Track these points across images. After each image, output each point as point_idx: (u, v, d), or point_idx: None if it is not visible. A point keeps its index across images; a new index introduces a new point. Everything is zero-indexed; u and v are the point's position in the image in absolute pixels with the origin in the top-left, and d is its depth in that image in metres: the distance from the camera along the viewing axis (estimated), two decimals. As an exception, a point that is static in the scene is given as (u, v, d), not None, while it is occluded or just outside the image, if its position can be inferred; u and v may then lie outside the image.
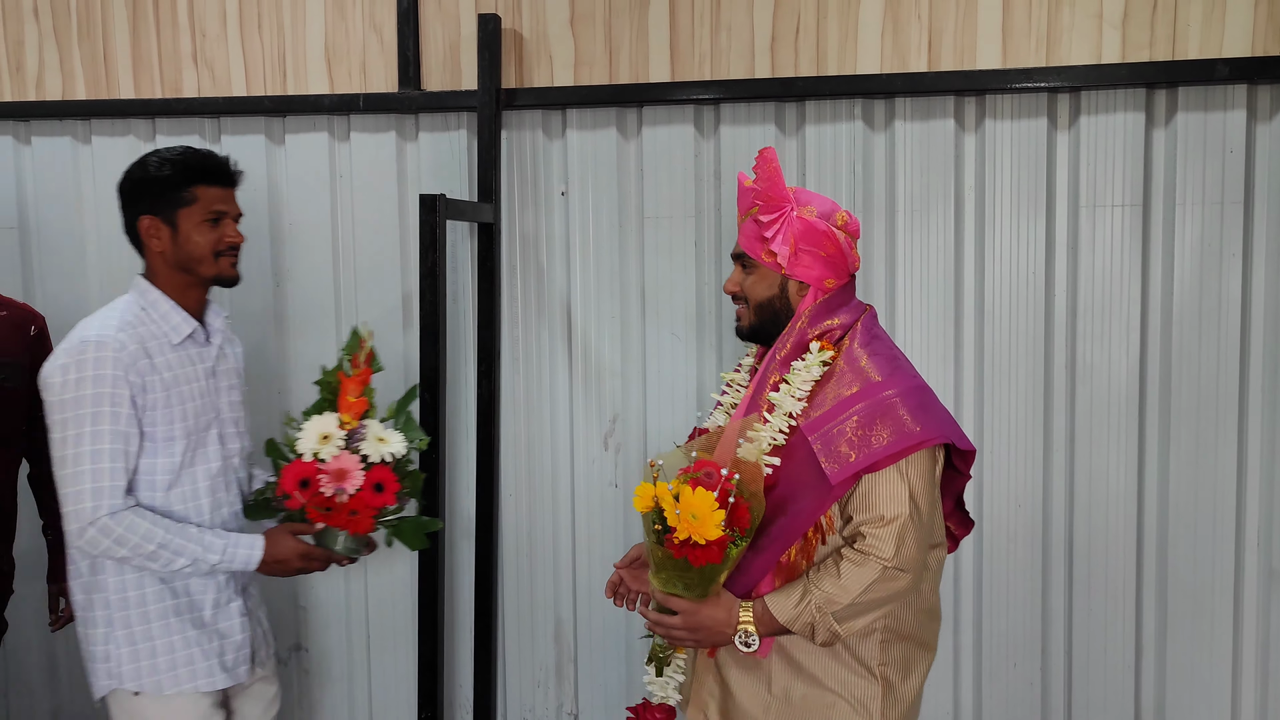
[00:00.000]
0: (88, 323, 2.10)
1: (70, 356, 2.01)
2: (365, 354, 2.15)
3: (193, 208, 2.11)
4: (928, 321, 2.81)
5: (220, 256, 2.15)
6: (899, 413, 1.77)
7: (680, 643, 1.87)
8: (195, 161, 2.12)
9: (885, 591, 1.76)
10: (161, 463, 2.08)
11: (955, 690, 2.88)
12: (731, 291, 1.97)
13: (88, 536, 1.98)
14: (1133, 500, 2.77)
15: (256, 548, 2.10)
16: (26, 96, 3.19)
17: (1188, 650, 2.77)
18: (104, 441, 1.98)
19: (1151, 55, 2.63)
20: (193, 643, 2.12)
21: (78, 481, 1.97)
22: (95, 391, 1.98)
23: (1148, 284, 2.73)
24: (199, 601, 2.14)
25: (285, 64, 3.06)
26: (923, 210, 2.79)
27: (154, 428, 2.06)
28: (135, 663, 2.08)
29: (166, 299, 2.14)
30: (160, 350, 2.09)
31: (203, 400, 2.16)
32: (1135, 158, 2.69)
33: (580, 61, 2.91)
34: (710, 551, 1.69)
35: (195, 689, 2.12)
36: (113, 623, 2.09)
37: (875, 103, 2.81)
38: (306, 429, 2.08)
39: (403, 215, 3.04)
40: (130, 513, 2.00)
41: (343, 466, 2.03)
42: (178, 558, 2.03)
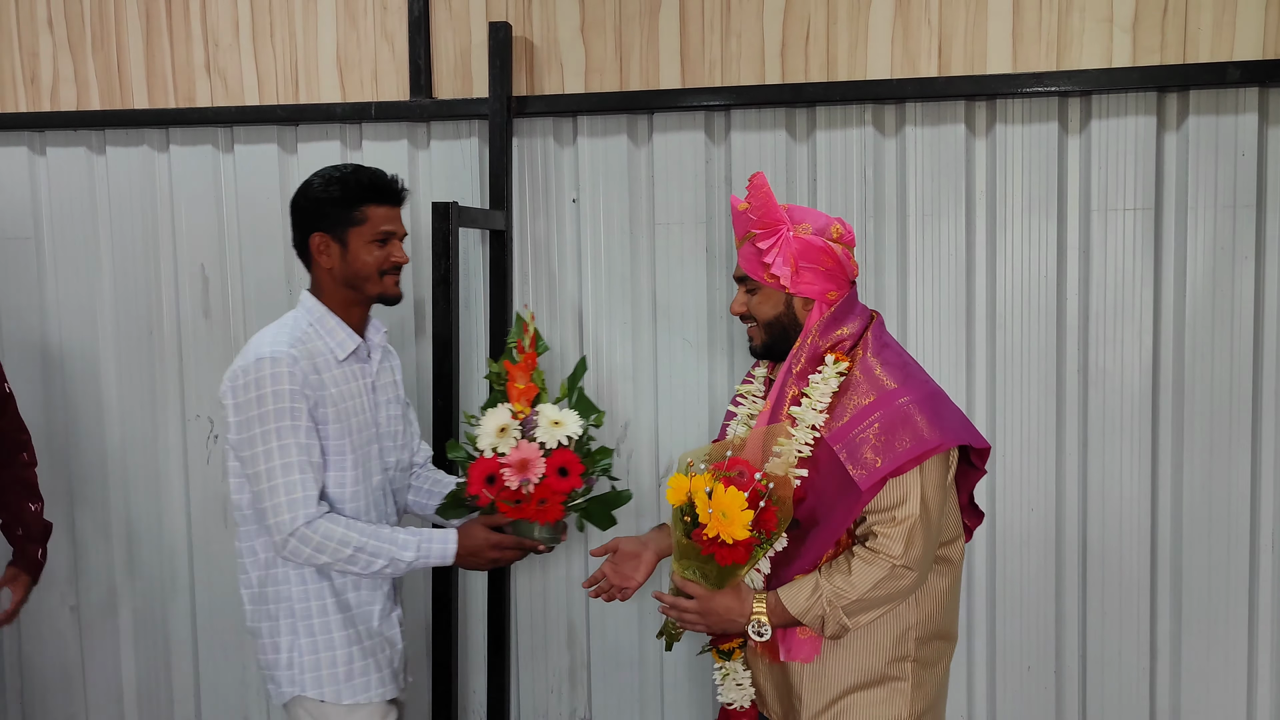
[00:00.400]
0: (260, 339, 2.12)
1: (248, 375, 2.04)
2: (530, 338, 2.13)
3: (362, 227, 2.13)
4: (940, 326, 2.81)
5: (385, 275, 2.17)
6: (916, 419, 1.85)
7: (691, 626, 1.94)
8: (367, 181, 2.15)
9: (892, 588, 1.84)
10: (333, 476, 2.12)
11: (969, 694, 2.88)
12: (739, 313, 2.03)
13: (290, 547, 2.03)
14: (1146, 504, 2.76)
15: (450, 542, 2.12)
16: (41, 107, 3.22)
17: (1203, 653, 2.76)
18: (291, 455, 2.02)
19: (1162, 59, 2.63)
20: (368, 652, 2.17)
21: (273, 496, 2.02)
22: (276, 407, 2.01)
23: (1160, 287, 2.72)
24: (369, 612, 2.18)
25: (297, 73, 3.08)
26: (934, 215, 2.79)
27: (326, 441, 2.10)
28: (317, 671, 2.13)
29: (333, 315, 2.17)
30: (327, 366, 2.12)
31: (365, 415, 2.19)
32: (1147, 161, 2.69)
33: (591, 69, 2.92)
34: (737, 551, 1.77)
35: (369, 698, 2.17)
36: (296, 631, 2.13)
37: (886, 108, 2.81)
38: (483, 424, 2.08)
39: (415, 222, 3.05)
40: (325, 520, 2.04)
41: (524, 457, 2.02)
42: (376, 559, 2.06)
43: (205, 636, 3.30)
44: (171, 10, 3.11)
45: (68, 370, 3.30)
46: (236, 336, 3.18)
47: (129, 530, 3.32)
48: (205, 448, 3.24)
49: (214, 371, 3.20)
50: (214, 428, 3.22)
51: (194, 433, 3.24)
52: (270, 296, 3.15)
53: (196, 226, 3.18)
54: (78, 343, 3.29)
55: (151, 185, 3.20)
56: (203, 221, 3.18)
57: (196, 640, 3.31)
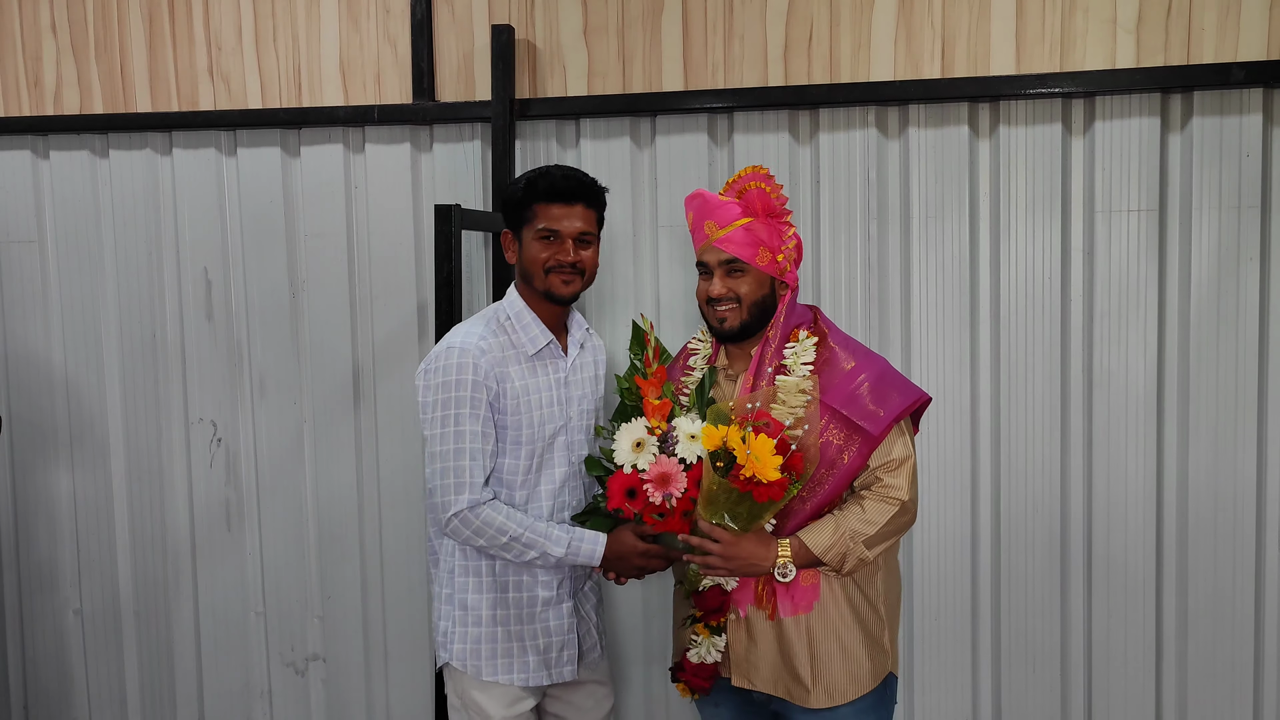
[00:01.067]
0: (456, 330, 2.25)
1: (435, 362, 2.17)
2: (653, 349, 2.19)
3: (531, 224, 2.22)
4: (944, 328, 2.81)
5: (550, 273, 2.21)
6: (894, 377, 2.16)
7: (714, 570, 2.08)
8: (539, 179, 2.22)
9: (900, 524, 2.10)
10: (508, 464, 2.21)
11: (974, 692, 2.87)
12: (720, 295, 2.16)
13: (451, 526, 2.15)
14: (1151, 505, 2.76)
15: (600, 544, 2.18)
16: (45, 111, 3.22)
17: (1209, 653, 2.76)
18: (464, 441, 2.14)
19: (1166, 60, 2.63)
20: (514, 637, 2.25)
21: (443, 477, 2.14)
22: (458, 395, 2.13)
23: (1164, 289, 2.72)
24: (530, 598, 2.25)
25: (300, 77, 3.08)
26: (937, 217, 2.79)
27: (504, 431, 2.20)
28: (464, 644, 2.26)
29: (529, 311, 2.26)
30: (516, 360, 2.22)
31: (552, 409, 2.25)
32: (1151, 163, 2.68)
33: (594, 71, 2.92)
34: (773, 489, 1.95)
35: (509, 680, 2.25)
36: (453, 603, 2.28)
37: (889, 110, 2.81)
38: (619, 439, 2.13)
39: (418, 226, 3.05)
40: (487, 507, 2.15)
41: (664, 472, 2.08)
42: (529, 550, 2.15)
43: (208, 640, 3.30)
44: (174, 14, 3.11)
45: (71, 374, 3.30)
46: (239, 340, 3.18)
47: (132, 534, 3.32)
48: (208, 451, 3.23)
49: (217, 375, 3.20)
50: (216, 431, 3.22)
51: (197, 436, 3.24)
52: (273, 300, 3.15)
53: (199, 230, 3.18)
54: (81, 346, 3.28)
55: (154, 189, 3.20)
56: (205, 225, 3.18)
57: (200, 644, 3.30)
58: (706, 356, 2.31)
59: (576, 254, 2.22)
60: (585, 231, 2.24)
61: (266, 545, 3.24)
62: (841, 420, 2.08)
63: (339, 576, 3.19)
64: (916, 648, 2.89)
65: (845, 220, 2.83)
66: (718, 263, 2.15)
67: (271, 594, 3.25)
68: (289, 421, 3.18)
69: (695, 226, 2.21)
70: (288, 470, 3.19)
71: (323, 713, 3.25)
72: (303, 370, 3.16)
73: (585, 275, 2.25)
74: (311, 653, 3.24)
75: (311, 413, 3.16)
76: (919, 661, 2.89)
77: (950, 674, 2.88)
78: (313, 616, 3.22)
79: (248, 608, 3.26)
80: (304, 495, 3.19)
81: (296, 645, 3.25)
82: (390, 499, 3.13)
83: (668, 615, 3.00)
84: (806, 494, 2.09)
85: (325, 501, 3.18)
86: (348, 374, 3.13)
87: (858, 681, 2.13)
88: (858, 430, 2.07)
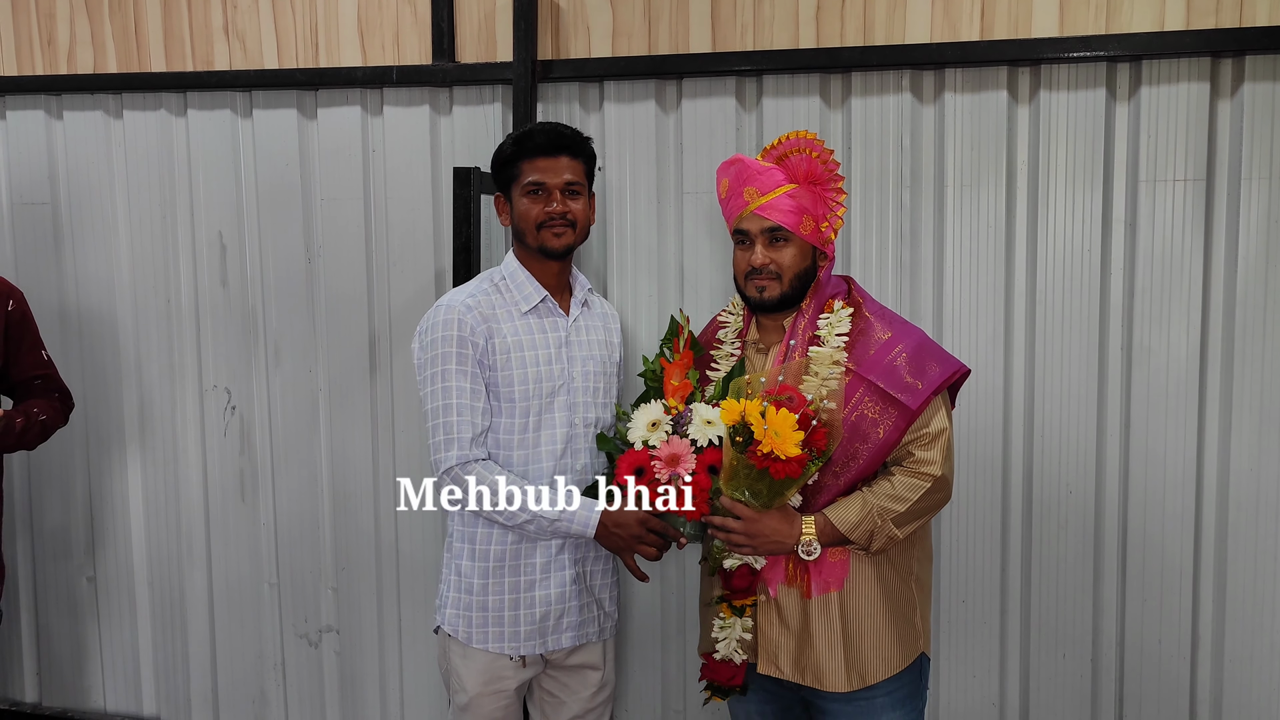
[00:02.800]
0: (449, 292, 2.27)
1: (425, 322, 2.21)
2: (685, 339, 2.17)
3: (518, 180, 2.22)
4: (978, 301, 2.71)
5: (542, 228, 2.20)
6: (933, 348, 2.08)
7: (738, 548, 2.01)
8: (523, 137, 2.22)
9: (932, 501, 2.02)
10: (504, 422, 2.20)
11: (1002, 680, 2.80)
12: (762, 265, 2.07)
13: (445, 486, 2.16)
14: (1191, 488, 2.66)
15: (595, 512, 2.13)
16: (58, 70, 3.16)
17: (1247, 643, 2.66)
18: (451, 396, 2.14)
19: (1218, 22, 2.51)
20: (506, 606, 2.23)
21: (434, 434, 2.16)
22: (444, 351, 2.15)
23: (1210, 263, 2.61)
24: (529, 565, 2.23)
25: (317, 36, 3.00)
26: (973, 186, 2.69)
27: (496, 388, 2.19)
28: (456, 609, 2.26)
29: (523, 270, 2.26)
30: (509, 317, 2.21)
31: (549, 367, 2.22)
32: (1199, 130, 2.57)
33: (618, 32, 2.83)
34: (790, 466, 1.88)
35: (501, 649, 2.23)
36: (449, 567, 2.29)
37: (924, 74, 2.71)
38: (635, 419, 2.10)
39: (436, 190, 2.98)
40: (480, 465, 2.15)
41: (674, 452, 2.04)
42: (520, 513, 2.13)
43: (222, 610, 3.26)
44: (189, -30, 3.05)
45: (85, 339, 3.25)
46: (254, 306, 3.13)
47: (146, 501, 3.28)
48: (223, 419, 3.19)
49: (231, 341, 3.15)
50: (231, 399, 3.17)
51: (211, 403, 3.19)
52: (289, 265, 3.09)
53: (214, 193, 3.12)
54: (95, 311, 3.24)
55: (169, 150, 3.14)
56: (220, 188, 3.12)
57: (213, 613, 3.27)
58: (738, 330, 2.23)
59: (565, 204, 2.20)
60: (572, 182, 2.22)
61: (281, 515, 3.19)
62: (876, 393, 2.00)
63: (353, 548, 3.14)
64: (944, 630, 2.81)
65: (877, 189, 2.73)
66: (760, 231, 2.07)
67: (285, 565, 3.20)
68: (304, 390, 3.12)
69: (732, 193, 2.12)
70: (303, 440, 3.14)
71: (335, 684, 3.22)
72: (318, 337, 3.10)
73: (577, 227, 2.23)
74: (325, 624, 3.19)
75: (327, 381, 3.10)
76: (946, 644, 2.81)
77: (978, 658, 2.80)
78: (326, 588, 3.18)
79: (261, 578, 3.22)
80: (319, 465, 3.14)
81: (310, 617, 3.20)
82: (406, 470, 3.07)
83: (685, 594, 2.93)
84: (840, 469, 2.02)
85: (340, 472, 3.12)
86: (364, 341, 3.06)
87: (889, 662, 2.06)
88: (894, 403, 1.99)
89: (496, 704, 2.26)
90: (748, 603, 2.10)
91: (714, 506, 2.02)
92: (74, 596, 3.37)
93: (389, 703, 3.18)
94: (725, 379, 2.13)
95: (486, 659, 2.23)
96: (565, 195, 2.21)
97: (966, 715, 2.82)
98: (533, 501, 2.12)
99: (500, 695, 2.25)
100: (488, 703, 2.25)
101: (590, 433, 2.28)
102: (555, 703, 2.37)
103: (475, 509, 2.15)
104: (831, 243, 2.10)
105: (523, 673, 2.27)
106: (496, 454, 2.20)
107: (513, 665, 2.25)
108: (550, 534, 2.17)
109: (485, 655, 2.23)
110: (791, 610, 2.07)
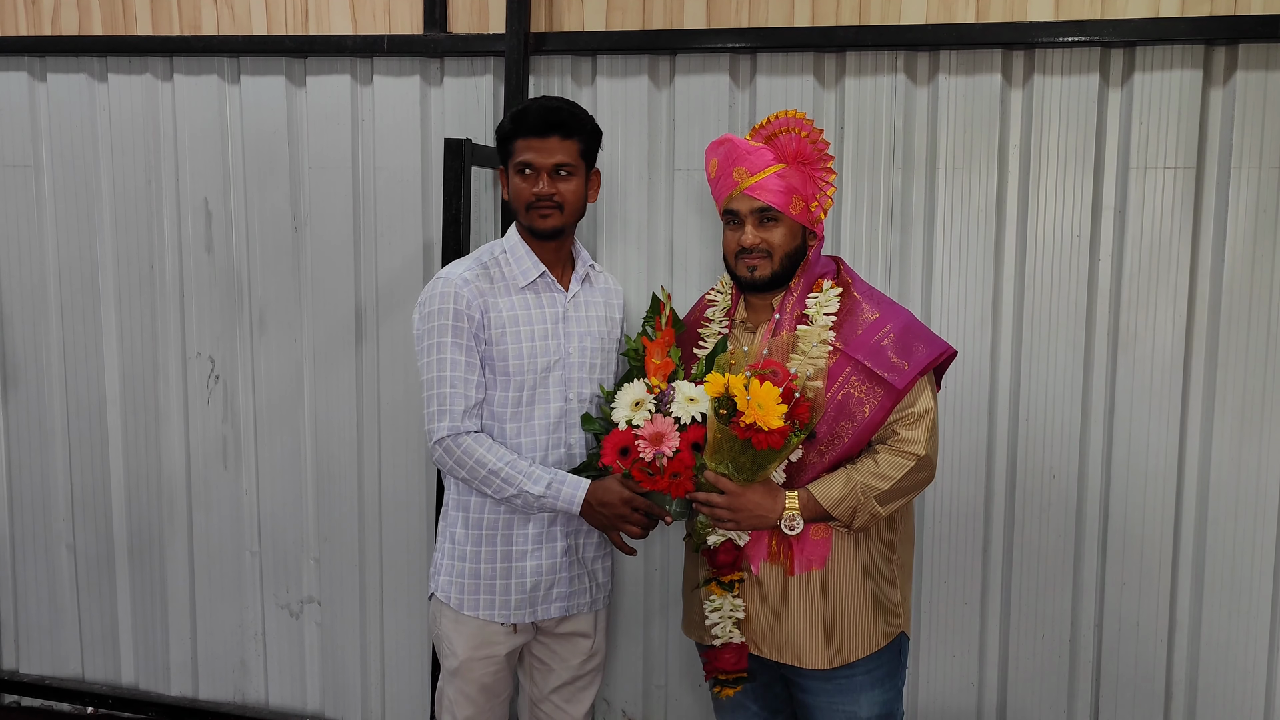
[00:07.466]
0: (450, 264, 2.27)
1: (424, 294, 2.22)
2: (667, 317, 2.16)
3: (512, 159, 2.21)
4: (966, 284, 2.72)
5: (530, 208, 2.20)
6: (921, 329, 2.09)
7: (721, 523, 2.02)
8: (519, 114, 2.20)
9: (915, 479, 2.04)
10: (498, 395, 2.21)
11: (981, 660, 2.82)
12: (752, 245, 2.07)
13: (435, 455, 2.18)
14: (1172, 473, 2.68)
15: (581, 489, 2.14)
16: (42, 31, 3.12)
17: (1223, 625, 2.69)
18: (445, 369, 2.16)
19: (1212, 9, 2.51)
20: (497, 574, 2.24)
21: (428, 404, 2.17)
22: (440, 324, 2.16)
23: (1198, 250, 2.62)
24: (518, 535, 2.24)
25: (307, 3, 2.97)
26: (965, 169, 2.69)
27: (491, 362, 2.19)
28: (449, 577, 2.27)
29: (523, 245, 2.25)
30: (506, 291, 2.21)
31: (545, 343, 2.22)
32: (1190, 118, 2.58)
33: (613, 6, 2.80)
34: (773, 437, 1.89)
35: (491, 617, 2.25)
36: (444, 535, 2.31)
37: (919, 55, 2.70)
38: (619, 399, 2.10)
39: (425, 161, 2.96)
40: (470, 438, 2.15)
41: (658, 430, 2.03)
42: (507, 486, 2.14)
43: (203, 579, 3.25)
44: (178, -68, 3.00)
45: (66, 303, 3.22)
46: (239, 273, 3.10)
47: (127, 469, 3.26)
48: (206, 387, 3.16)
49: (216, 309, 3.12)
50: (215, 367, 3.14)
51: (195, 371, 3.17)
52: (275, 233, 3.06)
53: (200, 159, 3.09)
54: (77, 276, 3.20)
55: (154, 116, 3.11)
56: (206, 155, 3.08)
57: (194, 583, 3.26)
58: (725, 309, 2.23)
59: (552, 186, 2.18)
60: (563, 164, 2.19)
61: (263, 485, 3.18)
62: (863, 372, 2.01)
63: (336, 519, 3.13)
64: (925, 610, 2.83)
65: (869, 170, 2.73)
66: (749, 211, 2.07)
67: (267, 534, 3.19)
68: (289, 359, 3.11)
69: (721, 173, 2.12)
70: (286, 409, 3.12)
71: (317, 656, 3.21)
72: (304, 306, 3.08)
73: (565, 209, 2.20)
74: (307, 595, 3.19)
75: (312, 350, 3.09)
76: (926, 624, 2.83)
77: (958, 637, 2.83)
78: (309, 558, 3.17)
79: (243, 547, 3.21)
80: (302, 434, 3.13)
81: (292, 587, 3.20)
82: (390, 441, 3.06)
83: (670, 571, 2.95)
84: (825, 447, 2.02)
85: (324, 442, 3.11)
86: (350, 311, 3.05)
87: (868, 640, 2.08)
88: (880, 383, 2.00)
89: (486, 669, 2.27)
90: (735, 578, 2.10)
91: (698, 483, 2.03)
92: (53, 563, 3.35)
93: (370, 674, 3.19)
94: (709, 356, 2.13)
95: (477, 625, 2.25)
96: (553, 177, 2.18)
97: (946, 694, 2.85)
98: (520, 477, 2.13)
99: (490, 660, 2.27)
100: (478, 667, 2.26)
101: (585, 408, 2.29)
102: (545, 669, 2.38)
103: (465, 479, 2.16)
104: (821, 222, 2.11)
105: (513, 639, 2.28)
106: (491, 426, 2.20)
107: (503, 631, 2.26)
108: (537, 509, 2.18)
109: (476, 621, 2.25)
110: (772, 588, 2.08)
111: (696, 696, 2.98)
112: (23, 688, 3.39)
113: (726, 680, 2.13)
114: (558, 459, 2.24)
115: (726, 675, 2.12)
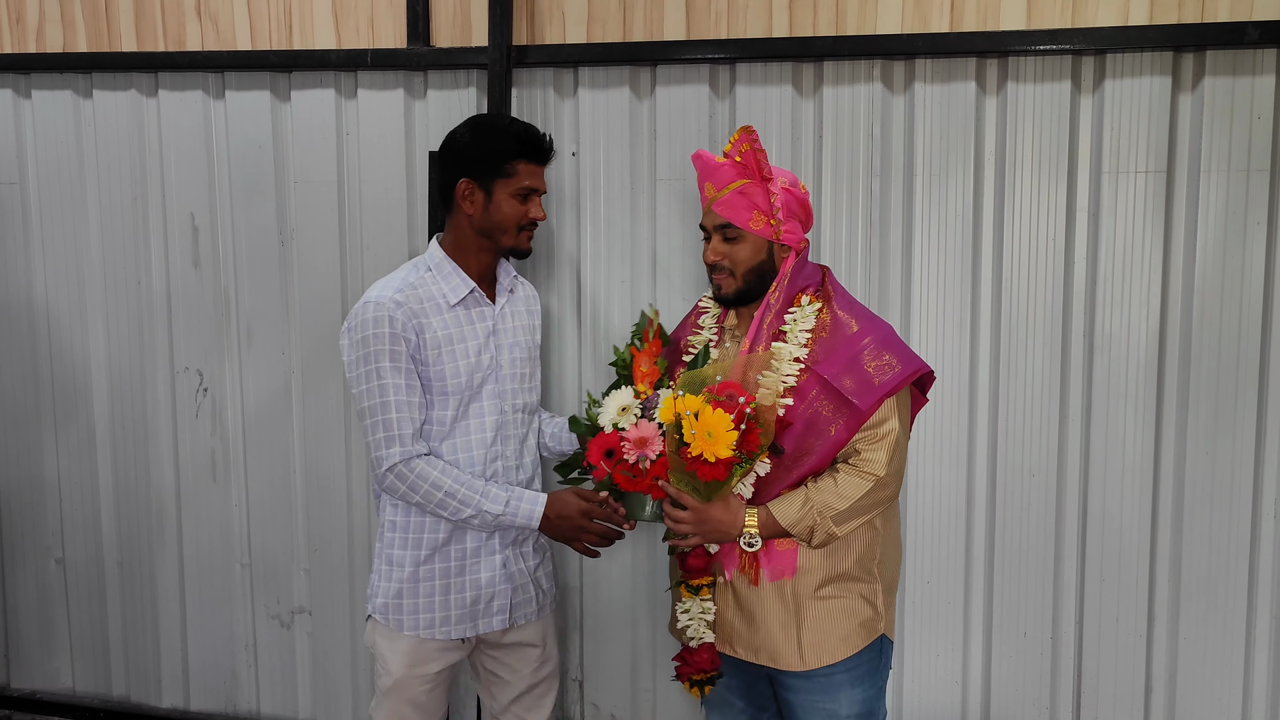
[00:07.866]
0: (374, 286, 2.22)
1: (353, 319, 2.17)
2: (655, 330, 2.21)
3: (509, 180, 2.19)
4: (945, 288, 2.76)
5: (522, 230, 2.23)
6: (896, 347, 2.07)
7: (687, 539, 2.06)
8: (523, 136, 2.20)
9: (875, 499, 2.03)
10: (435, 414, 2.20)
11: (964, 658, 2.86)
12: (714, 262, 2.12)
13: (387, 482, 2.15)
14: (1149, 470, 2.74)
15: (539, 504, 2.17)
16: (27, 48, 3.13)
17: (1201, 621, 2.75)
18: (389, 394, 2.13)
19: (1180, 17, 2.57)
20: (437, 591, 2.24)
21: (374, 431, 2.14)
22: (376, 349, 2.13)
23: (1170, 252, 2.68)
24: (460, 550, 2.24)
25: (291, 18, 3.00)
26: (942, 175, 2.74)
27: (429, 383, 2.18)
28: (386, 597, 2.26)
29: (450, 262, 2.24)
30: (437, 310, 2.19)
31: (478, 358, 2.23)
32: (1160, 123, 2.63)
33: (594, 18, 2.84)
34: (717, 469, 1.92)
35: (432, 635, 2.24)
36: (380, 555, 2.29)
37: (895, 64, 2.75)
38: (606, 404, 2.14)
39: (410, 174, 2.99)
40: (422, 461, 2.14)
41: (643, 434, 2.07)
42: (464, 507, 2.14)
43: (193, 592, 3.26)
44: (161, -51, 3.03)
45: (54, 320, 3.23)
46: (226, 288, 3.12)
47: (116, 483, 3.27)
48: (194, 401, 3.18)
49: (203, 323, 3.14)
50: (203, 381, 3.16)
51: (183, 385, 3.18)
52: (261, 247, 3.08)
53: (186, 175, 3.11)
54: (64, 292, 3.22)
55: (140, 131, 3.13)
56: (192, 170, 3.10)
57: (184, 595, 3.27)
58: (716, 316, 2.26)
59: (540, 211, 2.25)
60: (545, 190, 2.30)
61: (253, 497, 3.19)
62: (832, 392, 2.01)
63: (326, 529, 3.16)
64: (908, 610, 2.87)
65: (848, 177, 2.78)
66: (714, 227, 2.11)
67: (257, 546, 3.21)
68: (277, 372, 3.13)
69: (699, 188, 2.17)
70: (275, 422, 3.15)
71: (308, 666, 3.23)
72: (291, 320, 3.10)
73: None
74: (297, 605, 3.20)
75: (300, 363, 3.11)
76: (910, 624, 2.87)
77: (941, 636, 2.87)
78: (299, 569, 3.19)
79: (233, 559, 3.23)
80: (291, 447, 3.15)
81: (282, 598, 3.22)
82: (379, 452, 3.08)
83: (654, 575, 2.98)
84: (792, 464, 2.04)
85: (312, 454, 3.13)
86: (337, 324, 3.07)
87: (847, 641, 2.10)
88: (846, 404, 2.01)
89: (420, 687, 2.27)
90: (703, 583, 2.13)
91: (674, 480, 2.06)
92: (42, 577, 3.36)
93: (360, 685, 3.20)
94: (691, 364, 2.17)
95: (413, 642, 2.25)
96: None
97: (929, 692, 2.89)
98: (477, 496, 2.14)
99: (423, 679, 2.27)
100: (414, 685, 2.26)
101: (519, 418, 2.31)
102: (500, 682, 2.40)
103: (419, 504, 2.16)
104: (787, 235, 2.09)
105: (448, 655, 2.28)
106: (428, 446, 2.20)
107: (438, 648, 2.26)
108: (494, 528, 2.19)
109: (413, 639, 2.25)
110: (745, 592, 2.11)
111: (685, 698, 3.01)
112: (14, 702, 3.39)
113: (701, 680, 2.16)
114: (495, 472, 2.25)
115: (703, 675, 2.16)
